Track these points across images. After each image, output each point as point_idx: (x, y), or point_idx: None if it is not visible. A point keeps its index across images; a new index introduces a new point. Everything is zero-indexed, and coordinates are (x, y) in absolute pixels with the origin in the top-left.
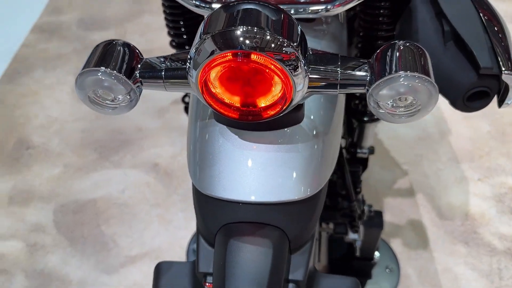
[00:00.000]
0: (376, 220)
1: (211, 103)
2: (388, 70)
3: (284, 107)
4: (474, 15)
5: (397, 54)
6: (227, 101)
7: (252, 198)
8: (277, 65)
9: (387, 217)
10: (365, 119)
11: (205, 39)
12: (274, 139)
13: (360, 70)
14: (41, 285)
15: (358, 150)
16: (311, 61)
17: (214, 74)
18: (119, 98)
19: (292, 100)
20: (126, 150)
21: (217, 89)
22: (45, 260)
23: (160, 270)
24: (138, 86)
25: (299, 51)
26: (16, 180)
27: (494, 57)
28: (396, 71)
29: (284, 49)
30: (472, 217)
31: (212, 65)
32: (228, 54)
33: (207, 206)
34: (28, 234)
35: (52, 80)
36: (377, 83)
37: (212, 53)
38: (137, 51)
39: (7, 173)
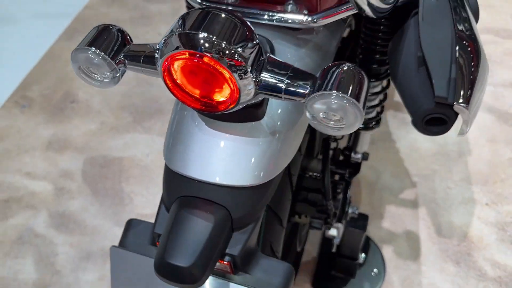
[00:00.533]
0: (360, 222)
1: (174, 91)
2: (324, 87)
3: (233, 105)
4: (448, 45)
5: (338, 74)
6: (188, 91)
7: (207, 178)
8: (226, 70)
9: (385, 224)
10: (360, 126)
11: (172, 34)
12: (237, 130)
13: (304, 82)
14: (60, 225)
15: (352, 155)
16: (264, 68)
17: (176, 66)
18: (105, 74)
19: (239, 99)
20: (158, 118)
21: (180, 80)
22: (68, 204)
23: (129, 225)
24: (121, 67)
25: (249, 60)
26: (57, 129)
27: (454, 88)
28: (330, 89)
29: (235, 56)
30: (470, 239)
31: (174, 58)
32: (186, 52)
33: (170, 178)
34: (58, 179)
35: None
36: (311, 96)
37: (176, 48)
38: (128, 36)
39: (50, 120)
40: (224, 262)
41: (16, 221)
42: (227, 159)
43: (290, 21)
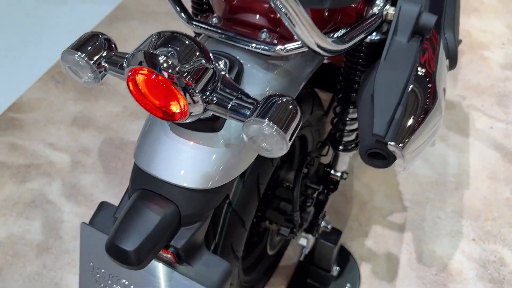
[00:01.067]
0: (332, 237)
1: (137, 98)
2: (259, 114)
3: (183, 118)
4: (400, 87)
5: (275, 104)
6: (150, 100)
7: (163, 177)
8: (176, 89)
9: (368, 242)
10: (340, 148)
11: (139, 50)
12: (196, 138)
13: (247, 106)
14: (70, 195)
15: (332, 172)
16: (215, 89)
17: (141, 77)
18: (87, 75)
19: (188, 114)
20: None
21: (142, 89)
22: (81, 177)
23: (101, 207)
24: (101, 71)
25: (200, 83)
26: (84, 106)
27: (394, 129)
28: (263, 117)
29: (187, 78)
30: (449, 271)
31: (136, 71)
32: (145, 69)
33: (135, 172)
34: (76, 153)
35: (141, 32)
36: (248, 119)
37: (139, 63)
38: (113, 45)
39: (79, 98)
40: (168, 252)
41: (33, 186)
42: (183, 162)
43: (261, 48)
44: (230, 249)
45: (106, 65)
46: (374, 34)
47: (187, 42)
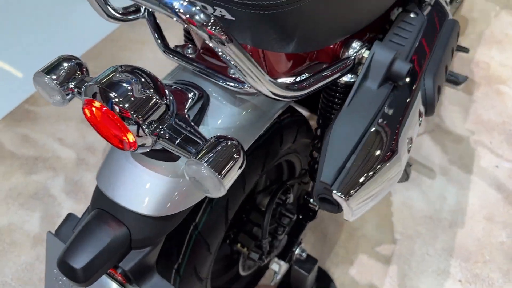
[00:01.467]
0: (306, 265)
1: (93, 125)
2: (201, 156)
3: (134, 149)
4: (356, 135)
5: (219, 147)
6: (107, 128)
7: (119, 200)
8: (123, 125)
9: (352, 271)
10: None
11: (96, 83)
12: (153, 166)
13: (195, 143)
14: (70, 191)
15: (311, 200)
16: (168, 123)
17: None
18: (55, 97)
19: (138, 146)
20: None
21: (98, 118)
22: (83, 174)
23: (68, 218)
24: (69, 93)
25: (149, 119)
26: None
27: (342, 178)
28: (202, 160)
29: (135, 115)
30: None
31: (89, 102)
32: (97, 102)
33: (95, 192)
34: (82, 150)
35: None
36: (188, 160)
37: (93, 95)
38: (85, 69)
39: None
40: (116, 273)
41: (38, 178)
42: (139, 189)
43: (229, 85)
44: (193, 270)
45: (75, 89)
46: (349, 76)
47: (143, 79)
